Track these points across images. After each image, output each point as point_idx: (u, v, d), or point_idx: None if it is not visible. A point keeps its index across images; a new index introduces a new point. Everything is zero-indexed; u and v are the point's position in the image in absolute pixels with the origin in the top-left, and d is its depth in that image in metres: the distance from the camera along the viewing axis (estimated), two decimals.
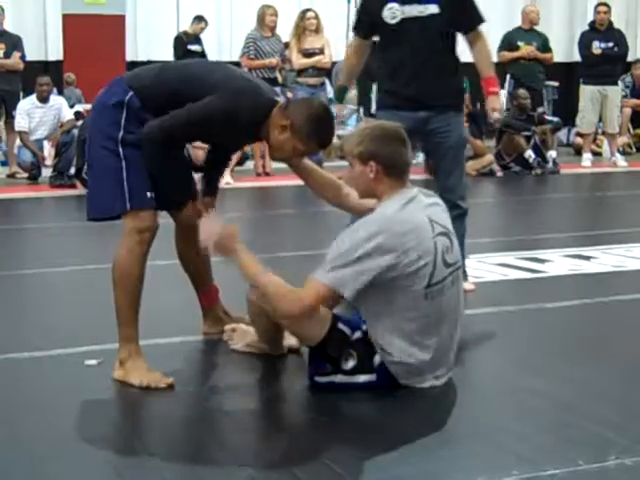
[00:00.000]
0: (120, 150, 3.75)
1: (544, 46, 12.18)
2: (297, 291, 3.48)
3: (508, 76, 12.18)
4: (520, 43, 12.05)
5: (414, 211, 3.53)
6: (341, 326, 3.58)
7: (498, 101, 5.34)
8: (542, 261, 6.13)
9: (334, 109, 5.31)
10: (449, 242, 3.59)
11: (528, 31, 12.24)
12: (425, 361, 3.58)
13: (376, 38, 5.26)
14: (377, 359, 3.59)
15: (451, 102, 5.12)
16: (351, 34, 5.36)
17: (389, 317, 3.53)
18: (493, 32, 12.82)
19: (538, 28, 12.60)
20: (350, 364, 3.59)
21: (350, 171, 3.66)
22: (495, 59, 12.16)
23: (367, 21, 5.17)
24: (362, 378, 3.60)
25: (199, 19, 13.71)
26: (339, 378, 3.60)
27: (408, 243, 3.43)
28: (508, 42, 12.14)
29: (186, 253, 4.30)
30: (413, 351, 3.55)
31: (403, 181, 3.60)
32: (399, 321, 3.53)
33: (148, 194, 3.77)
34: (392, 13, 5.00)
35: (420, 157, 10.60)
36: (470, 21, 5.13)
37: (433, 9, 4.97)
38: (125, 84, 3.88)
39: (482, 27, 5.19)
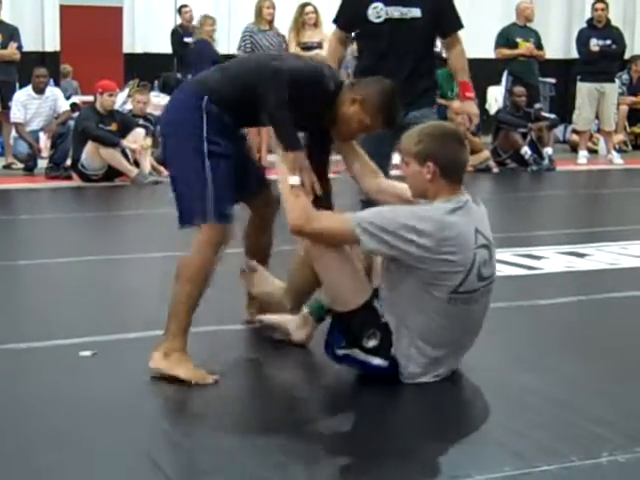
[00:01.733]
0: (206, 162, 3.76)
1: (539, 42, 12.19)
2: (324, 214, 3.58)
3: (506, 72, 12.18)
4: (519, 39, 12.03)
5: (462, 218, 3.50)
6: (377, 304, 3.61)
7: (474, 106, 5.46)
8: (537, 258, 6.13)
9: None
10: (488, 255, 3.57)
11: (523, 27, 12.24)
12: (436, 357, 3.61)
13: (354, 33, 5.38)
14: (393, 349, 3.61)
15: (425, 100, 5.24)
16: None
17: (410, 313, 3.55)
18: (488, 28, 12.92)
19: (536, 25, 12.60)
20: (371, 343, 3.59)
21: (405, 169, 3.65)
22: (492, 55, 12.26)
23: (350, 16, 5.26)
24: (376, 361, 3.60)
25: (181, 9, 13.61)
26: (356, 353, 3.61)
27: (446, 248, 3.43)
28: (506, 38, 12.13)
29: (253, 243, 4.33)
30: (427, 342, 3.57)
31: (458, 184, 3.58)
32: (418, 312, 3.53)
33: (227, 210, 3.79)
34: (377, 12, 5.11)
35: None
36: (449, 26, 5.27)
37: (415, 12, 5.10)
38: (195, 91, 3.86)
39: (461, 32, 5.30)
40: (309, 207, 3.61)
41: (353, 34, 5.37)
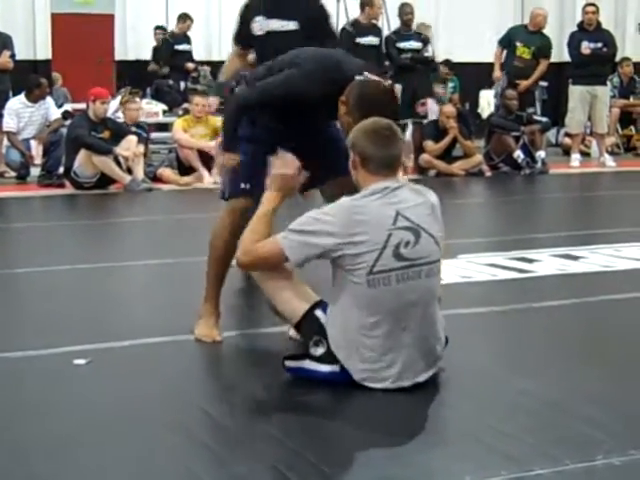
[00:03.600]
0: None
1: (541, 50, 12.11)
2: (259, 243, 3.70)
3: (503, 74, 12.19)
4: (518, 43, 12.04)
5: (376, 202, 3.58)
6: (319, 312, 3.67)
7: None
8: (531, 261, 6.14)
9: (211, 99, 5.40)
10: (414, 238, 3.58)
11: (532, 33, 12.19)
12: (373, 356, 3.58)
13: None
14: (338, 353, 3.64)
15: None
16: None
17: (340, 304, 3.61)
18: (481, 33, 12.95)
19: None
20: (319, 351, 3.65)
21: None
22: (484, 59, 12.31)
23: (242, 32, 5.50)
24: (326, 368, 3.63)
25: (184, 17, 13.74)
26: (307, 364, 3.67)
27: (356, 229, 3.54)
28: (508, 39, 12.15)
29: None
30: (361, 343, 3.58)
31: (381, 175, 3.63)
32: (347, 309, 3.59)
33: (242, 185, 4.21)
34: (259, 26, 5.35)
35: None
36: (322, 37, 5.32)
37: (292, 25, 5.27)
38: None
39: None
40: (248, 240, 3.73)
41: None
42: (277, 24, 5.29)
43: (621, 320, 4.79)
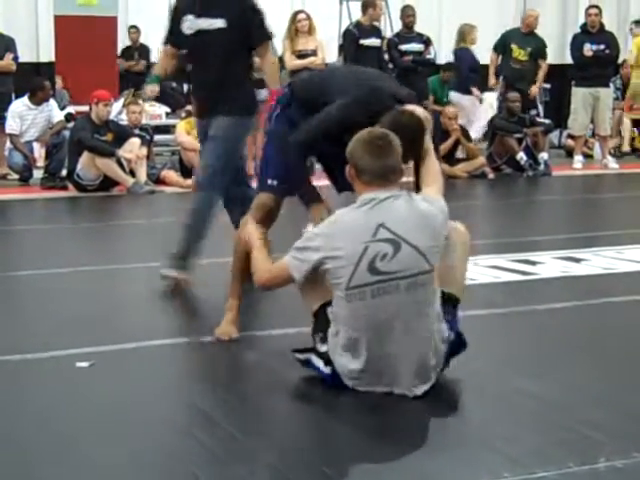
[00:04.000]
0: (266, 140, 4.43)
1: (537, 51, 12.18)
2: (270, 266, 3.82)
3: (500, 78, 12.23)
4: (513, 46, 12.09)
5: (361, 214, 3.58)
6: (329, 311, 3.68)
7: None
8: (533, 263, 6.14)
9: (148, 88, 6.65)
10: (392, 250, 3.53)
11: (526, 35, 12.25)
12: (355, 370, 3.59)
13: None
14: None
15: (224, 107, 5.34)
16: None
17: (333, 317, 3.66)
18: (481, 35, 12.94)
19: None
20: (323, 348, 3.68)
21: None
22: (486, 62, 12.33)
23: (175, 32, 5.52)
24: (327, 370, 3.66)
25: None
26: (313, 358, 3.72)
27: (337, 243, 3.56)
28: (503, 44, 12.19)
29: None
30: (343, 354, 3.60)
31: (375, 185, 3.61)
32: (337, 322, 3.63)
33: (269, 181, 4.32)
34: (189, 25, 5.40)
35: None
36: (256, 37, 5.42)
37: (220, 24, 5.31)
38: (289, 85, 4.52)
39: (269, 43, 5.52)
40: (264, 264, 3.85)
41: None
42: (206, 23, 5.34)
43: (624, 322, 4.79)
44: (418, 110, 4.00)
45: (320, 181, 4.67)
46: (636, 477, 2.93)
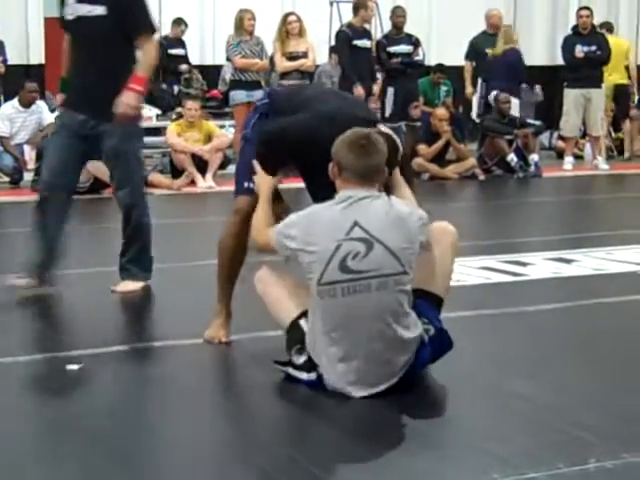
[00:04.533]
0: (242, 144, 4.34)
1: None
2: (267, 230, 3.85)
3: (480, 80, 12.27)
4: (488, 50, 12.18)
5: (337, 211, 3.61)
6: (302, 322, 3.72)
7: (134, 98, 5.18)
8: (524, 264, 6.14)
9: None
10: (364, 249, 3.55)
11: (493, 35, 12.35)
12: (331, 366, 3.60)
13: None
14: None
15: (105, 108, 5.14)
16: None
17: (310, 312, 3.68)
18: (472, 35, 12.96)
19: (520, 31, 12.69)
20: (301, 360, 3.70)
21: None
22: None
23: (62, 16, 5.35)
24: (305, 375, 3.68)
25: (178, 22, 13.74)
26: (290, 370, 3.73)
27: (311, 238, 3.60)
28: (474, 51, 12.27)
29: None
30: (323, 352, 3.62)
31: (353, 183, 3.64)
32: (313, 318, 3.66)
33: (245, 184, 4.22)
34: (70, 9, 5.24)
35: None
36: (135, 27, 5.23)
37: (100, 10, 5.15)
38: (269, 95, 4.44)
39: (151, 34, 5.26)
40: (260, 222, 3.93)
41: None
42: (85, 9, 5.17)
43: (614, 323, 4.80)
44: (392, 134, 3.97)
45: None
46: (626, 478, 2.93)
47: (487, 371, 3.96)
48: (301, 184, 4.20)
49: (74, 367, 3.95)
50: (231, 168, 11.32)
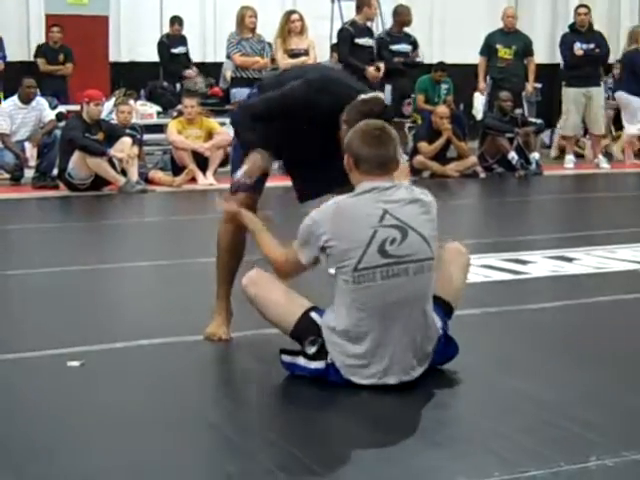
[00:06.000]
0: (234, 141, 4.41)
1: (524, 49, 12.23)
2: (282, 250, 3.84)
3: (488, 78, 12.25)
4: (499, 46, 12.15)
5: (365, 201, 3.64)
6: (314, 314, 3.75)
7: None
8: (525, 262, 6.14)
9: None
10: (400, 236, 3.61)
11: (509, 34, 12.32)
12: (358, 354, 3.62)
13: None
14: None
15: None
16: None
17: (334, 303, 3.70)
18: (474, 34, 12.96)
19: (521, 29, 12.66)
20: (312, 350, 3.71)
21: None
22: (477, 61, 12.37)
23: None
24: (314, 364, 3.70)
25: (173, 21, 13.75)
26: (300, 360, 3.74)
27: (341, 228, 3.62)
28: (487, 47, 12.25)
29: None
30: (347, 339, 3.63)
31: (373, 175, 3.67)
32: (338, 307, 3.67)
33: (243, 179, 4.17)
34: None
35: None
36: None
37: None
38: (258, 86, 4.44)
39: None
40: (272, 248, 3.88)
41: None
42: None
43: (615, 321, 4.80)
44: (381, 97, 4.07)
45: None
46: (626, 476, 2.93)
47: (487, 368, 3.96)
48: (288, 183, 4.23)
49: (75, 364, 3.95)
50: None
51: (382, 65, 11.14)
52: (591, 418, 3.34)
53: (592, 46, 12.08)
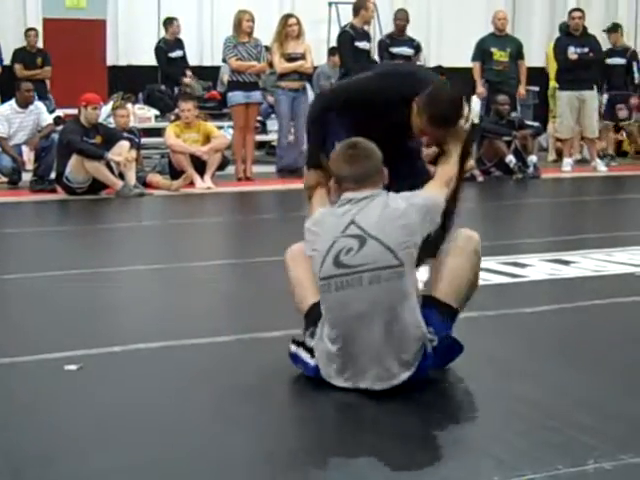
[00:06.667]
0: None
1: (517, 50, 12.25)
2: None
3: (483, 82, 12.26)
4: (493, 49, 12.16)
5: (340, 211, 3.72)
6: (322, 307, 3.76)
7: None
8: (522, 265, 6.15)
9: None
10: (357, 245, 3.62)
11: (501, 37, 12.34)
12: (330, 359, 3.66)
13: None
14: None
15: None
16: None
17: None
18: (470, 37, 12.97)
19: (517, 33, 12.69)
20: (312, 343, 3.75)
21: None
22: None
23: None
24: (312, 362, 3.73)
25: (169, 21, 13.74)
26: (301, 352, 3.79)
27: (315, 237, 3.74)
28: (481, 51, 12.25)
29: None
30: (325, 339, 3.68)
31: (352, 189, 3.74)
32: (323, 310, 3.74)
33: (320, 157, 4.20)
34: None
35: None
36: None
37: None
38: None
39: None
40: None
41: None
42: None
43: (612, 324, 4.80)
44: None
45: None
46: (624, 479, 2.93)
47: (485, 372, 3.97)
48: (287, 186, 4.23)
49: (73, 367, 3.95)
50: (230, 169, 11.35)
51: None
52: (589, 421, 3.34)
53: (586, 50, 12.08)
